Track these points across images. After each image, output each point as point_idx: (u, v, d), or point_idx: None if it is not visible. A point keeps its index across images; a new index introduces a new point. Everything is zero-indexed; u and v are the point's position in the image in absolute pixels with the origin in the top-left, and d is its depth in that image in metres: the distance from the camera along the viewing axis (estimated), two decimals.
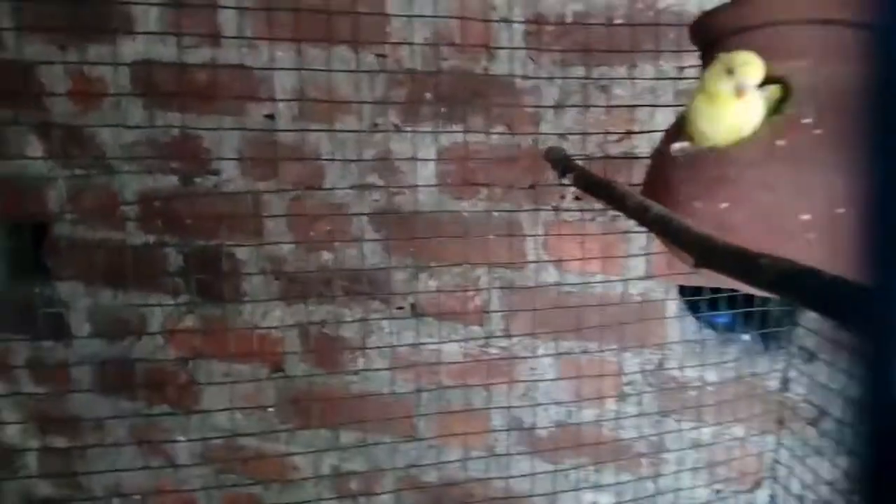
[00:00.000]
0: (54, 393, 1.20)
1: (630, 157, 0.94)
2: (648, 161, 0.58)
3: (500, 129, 1.05)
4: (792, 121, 0.46)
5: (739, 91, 0.46)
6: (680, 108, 0.59)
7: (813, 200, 0.44)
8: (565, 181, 0.58)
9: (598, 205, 1.04)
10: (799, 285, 0.32)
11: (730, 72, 0.46)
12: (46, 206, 1.15)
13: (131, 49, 1.08)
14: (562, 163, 0.60)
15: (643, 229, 0.94)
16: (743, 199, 0.46)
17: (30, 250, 0.99)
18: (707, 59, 0.56)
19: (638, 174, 0.91)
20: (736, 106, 0.46)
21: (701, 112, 0.48)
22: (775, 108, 0.47)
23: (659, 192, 0.53)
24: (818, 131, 0.44)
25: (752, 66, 0.46)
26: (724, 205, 0.47)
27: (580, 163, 0.68)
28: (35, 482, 1.28)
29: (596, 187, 0.54)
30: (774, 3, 0.50)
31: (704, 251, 0.39)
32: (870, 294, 0.30)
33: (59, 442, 1.25)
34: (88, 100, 1.11)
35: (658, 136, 0.66)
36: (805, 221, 0.44)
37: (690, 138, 0.50)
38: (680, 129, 0.52)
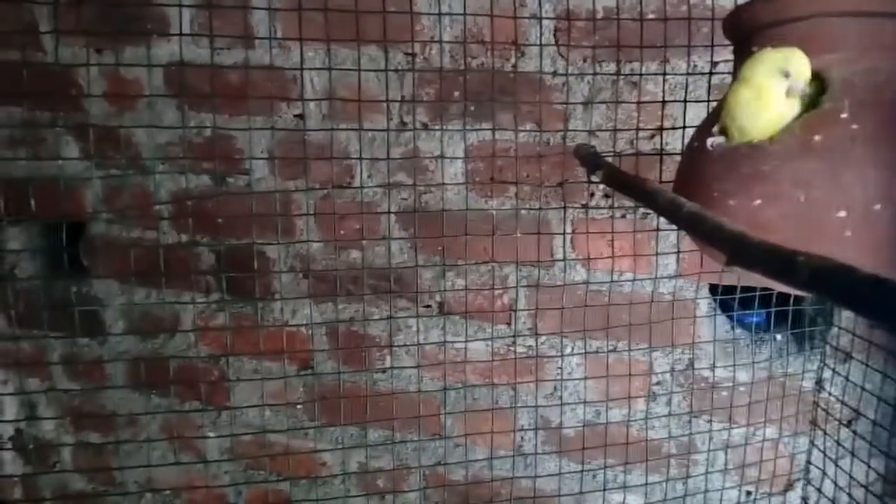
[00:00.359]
0: (89, 389, 1.23)
1: (661, 154, 0.93)
2: (680, 157, 0.58)
3: (529, 126, 1.04)
4: (828, 116, 0.45)
5: (793, 92, 0.45)
6: (713, 104, 0.58)
7: (849, 197, 0.43)
8: (594, 178, 0.57)
9: (628, 202, 1.03)
10: (834, 283, 0.31)
11: (786, 74, 0.46)
12: (83, 206, 1.17)
13: (165, 51, 1.10)
14: (591, 160, 0.60)
15: (673, 227, 0.93)
16: (777, 196, 0.45)
17: (66, 249, 1.01)
18: (741, 53, 0.55)
19: (669, 171, 0.90)
20: (783, 105, 0.46)
21: (744, 107, 0.47)
22: (812, 103, 0.46)
23: (691, 188, 0.52)
24: (855, 126, 0.43)
25: (806, 68, 0.45)
26: (757, 201, 0.46)
27: (610, 160, 0.67)
28: (69, 476, 1.31)
29: (626, 185, 0.53)
30: None
31: (738, 249, 0.39)
32: None
33: (93, 437, 1.28)
34: (123, 101, 1.14)
35: (689, 133, 0.66)
36: (841, 218, 0.43)
37: (725, 133, 0.49)
38: (713, 123, 0.51)
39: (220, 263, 1.15)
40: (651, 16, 0.96)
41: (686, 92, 0.94)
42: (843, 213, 0.43)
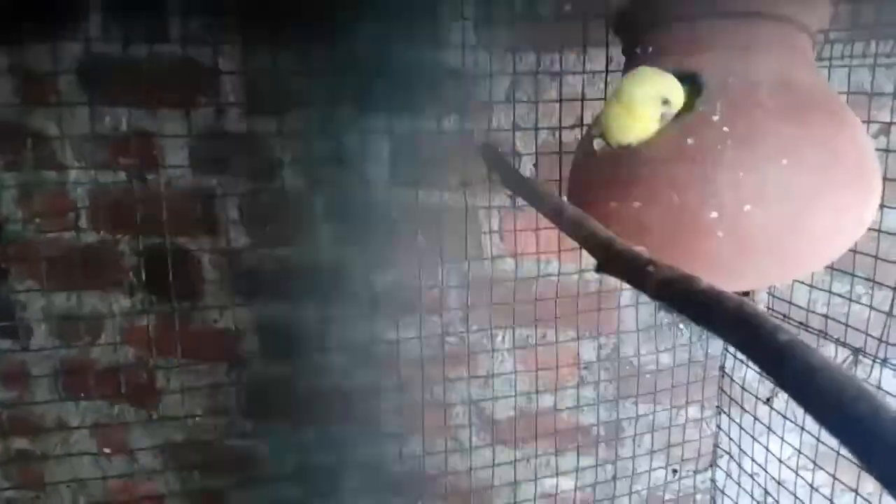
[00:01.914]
0: (14, 397, 1.19)
1: (560, 153, 0.93)
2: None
3: (452, 119, 1.04)
4: (701, 118, 0.46)
5: (665, 118, 0.46)
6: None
7: (721, 198, 0.44)
8: (494, 177, 0.57)
9: None
10: (676, 293, 0.32)
11: (664, 101, 0.46)
12: None
13: (78, 47, 1.06)
14: (491, 159, 0.60)
15: None
16: (654, 198, 0.46)
17: None
18: (627, 52, 0.55)
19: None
20: (655, 125, 0.47)
21: (619, 124, 0.48)
22: (688, 105, 0.47)
23: (580, 190, 0.53)
24: (726, 129, 0.44)
25: (682, 97, 0.46)
26: (636, 203, 0.47)
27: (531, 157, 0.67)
28: None
29: (518, 186, 0.53)
30: None
31: (606, 256, 0.39)
32: (735, 304, 0.30)
33: (22, 444, 1.24)
34: (35, 99, 1.09)
35: None
36: (714, 219, 0.44)
37: (603, 137, 0.50)
38: (595, 127, 0.52)
39: (142, 263, 1.12)
40: (567, 7, 0.97)
41: (605, 84, 0.95)
42: (714, 214, 0.44)
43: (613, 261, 0.38)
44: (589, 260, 1.06)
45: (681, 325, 1.06)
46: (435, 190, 1.07)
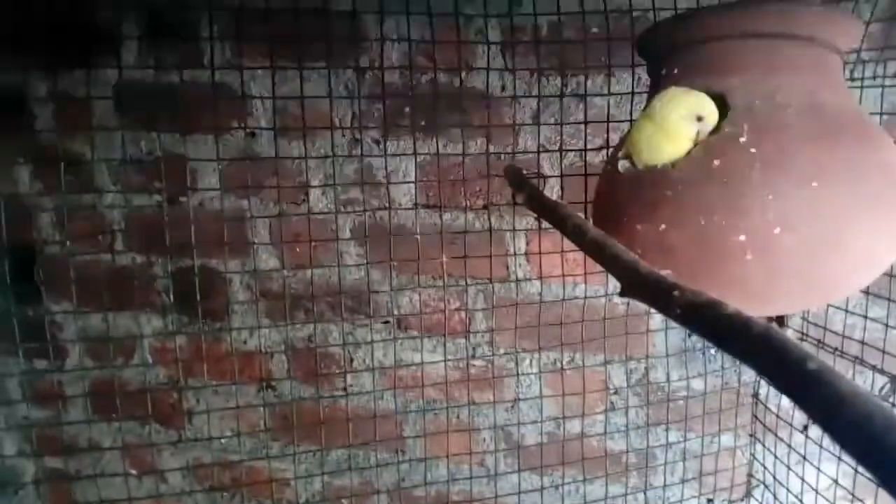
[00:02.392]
0: (49, 417, 1.22)
1: (585, 175, 0.93)
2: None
3: (479, 142, 1.04)
4: (728, 140, 0.45)
5: (701, 136, 0.46)
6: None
7: (749, 221, 0.43)
8: (518, 200, 0.57)
9: None
10: (703, 319, 0.31)
11: (699, 118, 0.46)
12: (36, 230, 1.16)
13: (114, 73, 1.09)
14: (516, 182, 0.60)
15: None
16: (680, 221, 0.45)
17: (20, 274, 1.01)
18: (653, 73, 0.55)
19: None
20: (688, 144, 0.46)
21: (650, 140, 0.48)
22: (714, 127, 0.47)
23: (605, 211, 0.52)
24: (753, 150, 0.44)
25: (716, 114, 0.46)
26: (662, 226, 0.46)
27: (543, 180, 0.67)
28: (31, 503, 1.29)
29: (542, 208, 0.53)
30: (715, 18, 0.49)
31: (630, 280, 0.39)
32: (761, 329, 0.29)
33: (56, 464, 1.26)
34: (74, 124, 1.13)
35: None
36: (741, 242, 0.43)
37: (631, 158, 0.49)
38: (621, 148, 0.51)
39: (175, 285, 1.14)
40: (595, 30, 0.97)
41: (632, 105, 0.94)
42: (743, 237, 0.43)
43: (637, 284, 0.37)
44: (616, 283, 1.05)
45: (712, 351, 1.04)
46: (460, 212, 1.08)
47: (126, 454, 1.21)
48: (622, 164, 0.49)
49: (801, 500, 0.97)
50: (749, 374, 1.06)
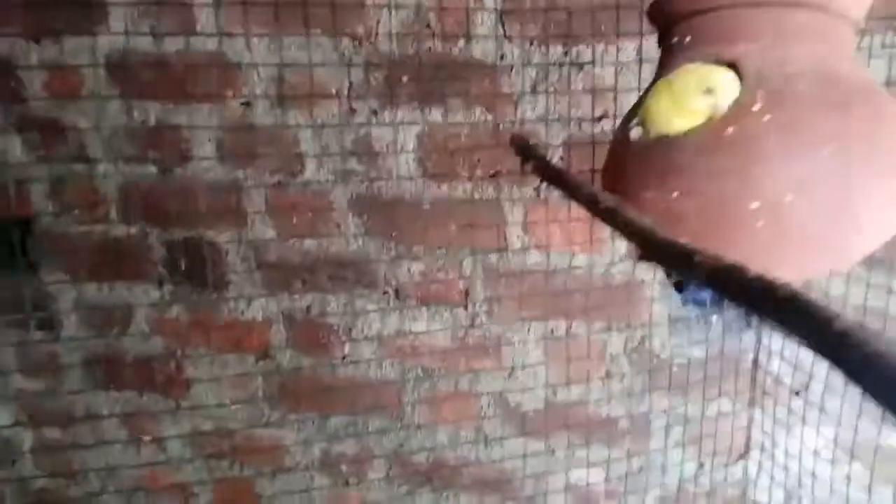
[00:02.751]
0: (46, 387, 1.22)
1: (593, 143, 0.93)
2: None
3: (479, 111, 1.04)
4: (741, 107, 0.45)
5: (717, 112, 0.46)
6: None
7: (761, 189, 0.43)
8: (526, 169, 0.57)
9: None
10: (727, 281, 0.32)
11: (709, 91, 0.46)
12: (29, 201, 1.15)
13: (107, 39, 1.07)
14: (524, 150, 0.60)
15: None
16: (692, 189, 0.46)
17: (14, 245, 1.00)
18: (664, 40, 0.55)
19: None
20: (701, 116, 0.46)
21: (663, 113, 0.48)
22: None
23: (614, 179, 0.53)
24: (767, 118, 0.44)
25: (731, 90, 0.46)
26: (674, 194, 0.46)
27: (548, 149, 0.67)
28: (30, 474, 1.30)
29: (553, 177, 0.53)
30: None
31: (646, 244, 0.39)
32: (789, 292, 0.30)
33: (53, 433, 1.26)
34: (66, 93, 1.11)
35: None
36: (754, 210, 0.44)
37: (644, 125, 0.49)
38: (635, 115, 0.51)
39: (171, 255, 1.13)
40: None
41: (634, 75, 0.94)
42: (755, 205, 0.44)
43: (654, 249, 0.37)
44: (617, 252, 1.06)
45: (713, 318, 1.05)
46: (461, 182, 1.07)
47: (125, 422, 1.22)
48: (635, 131, 0.50)
49: (799, 460, 1.00)
50: (745, 341, 1.07)
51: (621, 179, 0.51)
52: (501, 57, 1.02)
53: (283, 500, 1.21)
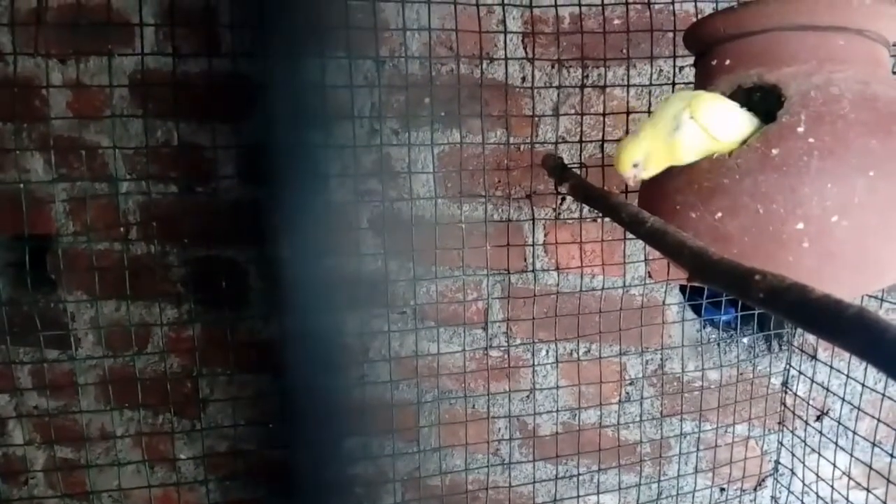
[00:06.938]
0: (61, 406, 1.21)
1: None
2: None
3: (498, 133, 1.05)
4: (785, 129, 0.45)
5: (713, 145, 0.47)
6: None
7: (807, 209, 0.44)
8: (562, 190, 0.58)
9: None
10: (788, 302, 0.32)
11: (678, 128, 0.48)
12: (49, 219, 1.15)
13: (130, 60, 1.08)
14: (558, 171, 0.60)
15: None
16: (737, 209, 0.46)
17: (33, 263, 1.00)
18: (701, 64, 0.55)
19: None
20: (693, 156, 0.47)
21: (652, 152, 0.49)
22: (771, 116, 0.47)
23: (654, 200, 0.53)
24: (811, 140, 0.44)
25: (738, 134, 0.47)
26: (718, 214, 0.47)
27: (576, 170, 0.68)
28: (42, 493, 1.29)
29: (591, 197, 0.53)
30: (769, 10, 0.50)
31: (698, 266, 0.39)
32: (855, 311, 0.30)
33: (65, 453, 1.25)
34: (88, 112, 1.12)
35: None
36: (799, 230, 0.44)
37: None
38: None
39: (190, 274, 1.14)
40: (616, 21, 0.97)
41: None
42: (800, 226, 0.44)
43: (709, 270, 0.37)
44: (634, 274, 1.06)
45: (744, 339, 1.05)
46: (479, 202, 1.08)
47: (139, 443, 1.21)
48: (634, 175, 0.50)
49: (832, 486, 0.99)
50: (763, 366, 1.07)
51: (662, 200, 0.51)
52: (522, 79, 1.03)
53: None
